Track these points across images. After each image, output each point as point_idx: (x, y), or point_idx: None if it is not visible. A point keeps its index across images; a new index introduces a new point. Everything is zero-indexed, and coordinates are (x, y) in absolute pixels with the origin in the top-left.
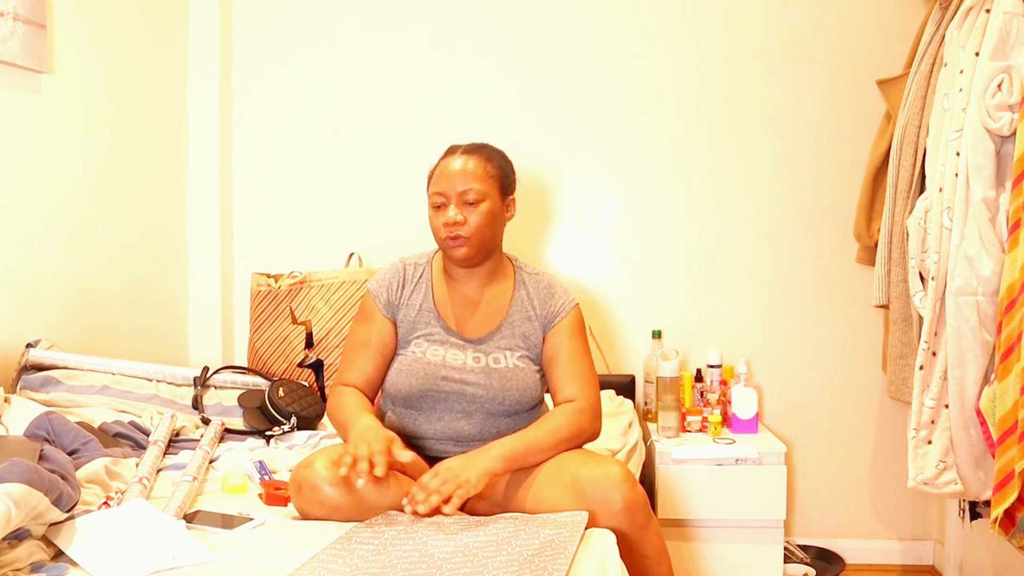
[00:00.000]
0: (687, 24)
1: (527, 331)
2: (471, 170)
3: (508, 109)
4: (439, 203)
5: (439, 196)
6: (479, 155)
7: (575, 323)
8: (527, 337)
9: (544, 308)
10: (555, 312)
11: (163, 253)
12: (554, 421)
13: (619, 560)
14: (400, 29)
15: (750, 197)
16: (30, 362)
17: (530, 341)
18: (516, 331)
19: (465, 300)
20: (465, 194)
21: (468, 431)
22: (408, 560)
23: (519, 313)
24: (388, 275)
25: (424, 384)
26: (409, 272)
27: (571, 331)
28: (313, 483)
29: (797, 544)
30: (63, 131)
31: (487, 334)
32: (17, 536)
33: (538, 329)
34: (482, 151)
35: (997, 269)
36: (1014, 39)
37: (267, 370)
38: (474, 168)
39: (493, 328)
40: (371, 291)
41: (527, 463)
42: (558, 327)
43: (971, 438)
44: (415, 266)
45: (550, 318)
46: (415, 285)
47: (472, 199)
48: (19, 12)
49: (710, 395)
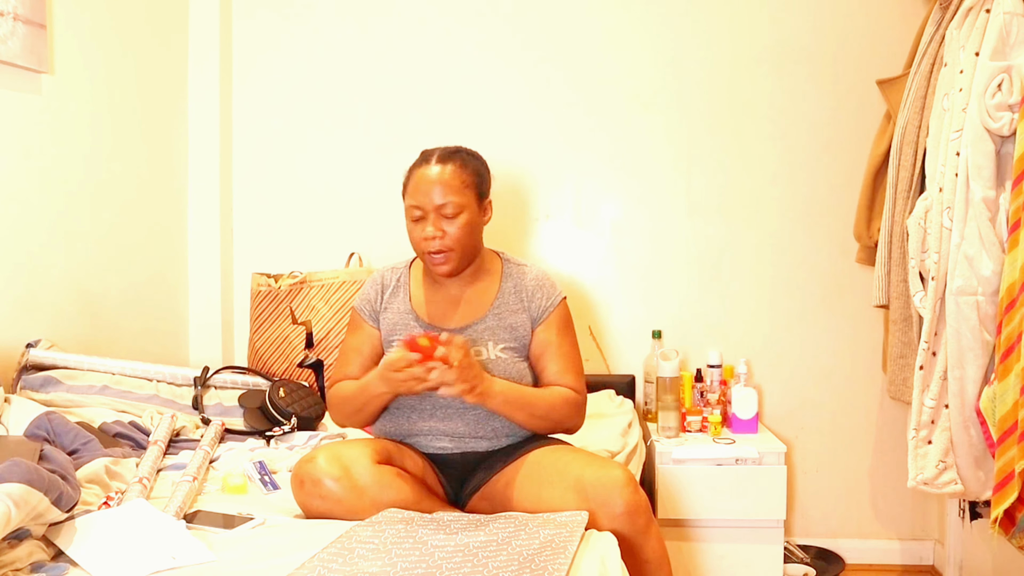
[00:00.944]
0: (688, 24)
1: (515, 323)
2: (447, 181)
3: (508, 109)
4: (416, 216)
5: (416, 209)
6: (454, 163)
7: (564, 317)
8: (514, 329)
9: (532, 301)
10: (544, 306)
11: (163, 253)
12: (554, 397)
13: (619, 561)
14: (400, 29)
15: (750, 197)
16: (30, 362)
17: (517, 333)
18: (503, 323)
19: (447, 298)
20: (443, 208)
21: (462, 428)
22: (408, 559)
23: (506, 306)
24: (368, 288)
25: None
26: (388, 278)
27: (561, 325)
28: (315, 478)
29: (797, 544)
30: (63, 131)
31: (469, 324)
32: (17, 536)
33: (526, 321)
34: (456, 158)
35: (997, 269)
36: (1014, 39)
37: (267, 370)
38: (450, 178)
39: (476, 319)
40: (356, 307)
41: (511, 414)
42: (548, 321)
43: (971, 438)
44: (393, 270)
45: (539, 311)
46: (394, 289)
47: (450, 213)
48: (19, 12)
49: (710, 395)
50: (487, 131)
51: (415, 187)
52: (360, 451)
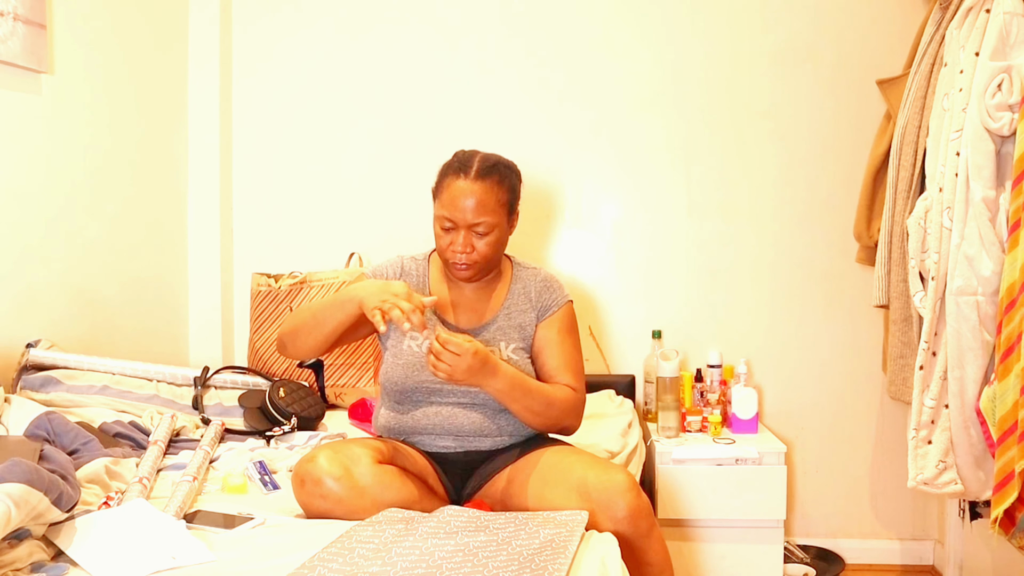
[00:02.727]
0: (688, 24)
1: (523, 322)
2: (483, 200)
3: (508, 109)
4: (447, 227)
5: (448, 221)
6: (491, 180)
7: (568, 318)
8: (523, 328)
9: (540, 299)
10: (548, 304)
11: (163, 253)
12: (556, 393)
13: (620, 561)
14: (400, 29)
15: (750, 197)
16: (30, 362)
17: (525, 332)
18: (512, 322)
19: (463, 298)
20: (476, 226)
21: (467, 426)
22: (408, 559)
23: (515, 305)
24: (387, 267)
25: (420, 376)
26: (408, 266)
27: (563, 325)
28: (316, 477)
29: (797, 544)
30: (63, 131)
31: (482, 324)
32: (17, 536)
33: (533, 320)
34: (494, 173)
35: (997, 269)
36: (1014, 39)
37: (267, 370)
38: (487, 197)
39: (489, 319)
40: (368, 274)
41: (511, 401)
42: (550, 319)
43: (971, 438)
44: (413, 260)
45: (543, 309)
46: (414, 279)
47: (483, 232)
48: (19, 12)
49: (710, 395)
50: (487, 132)
51: (450, 199)
52: (361, 451)
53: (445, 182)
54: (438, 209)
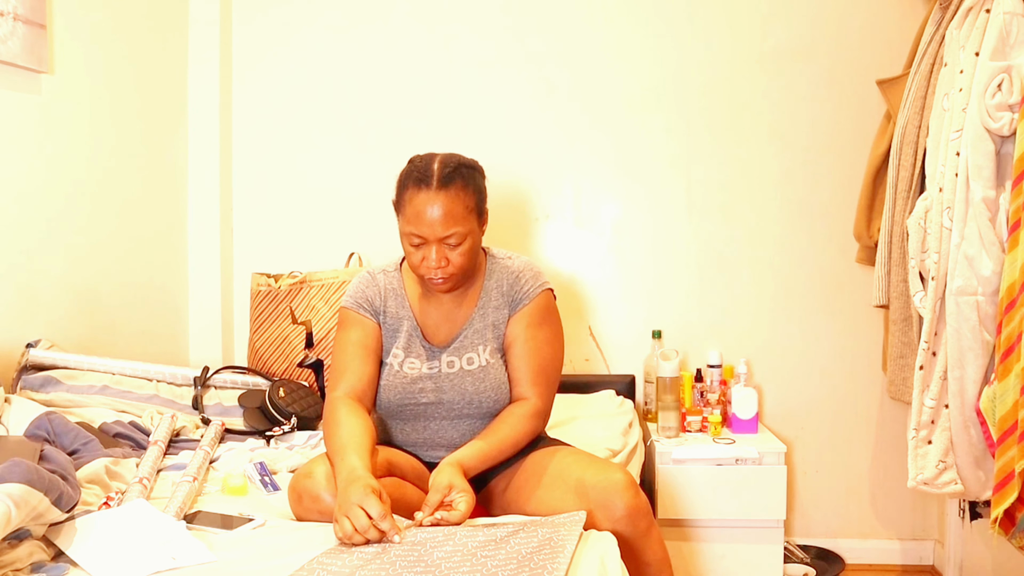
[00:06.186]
0: (687, 24)
1: (497, 320)
2: (450, 210)
3: (509, 108)
4: (417, 243)
5: (416, 237)
6: (455, 187)
7: (540, 310)
8: (496, 327)
9: (511, 291)
10: (519, 297)
11: (163, 253)
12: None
13: (619, 560)
14: (400, 29)
15: (750, 197)
16: (30, 362)
17: (499, 331)
18: (487, 321)
19: (439, 304)
20: (447, 239)
21: (456, 438)
22: (407, 559)
23: (489, 303)
24: (363, 286)
25: (403, 398)
26: (381, 280)
27: (534, 318)
28: (314, 493)
29: (797, 544)
30: (63, 131)
31: (458, 332)
32: (17, 536)
33: (506, 316)
34: (456, 178)
35: (997, 269)
36: (1014, 39)
37: (267, 370)
38: (452, 207)
39: (464, 324)
40: (348, 304)
41: (496, 462)
42: (520, 313)
43: (971, 438)
44: (384, 273)
45: (515, 303)
46: (389, 293)
47: (454, 243)
48: (19, 12)
49: (710, 395)
50: (487, 132)
51: (415, 214)
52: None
53: (407, 195)
54: (404, 225)
